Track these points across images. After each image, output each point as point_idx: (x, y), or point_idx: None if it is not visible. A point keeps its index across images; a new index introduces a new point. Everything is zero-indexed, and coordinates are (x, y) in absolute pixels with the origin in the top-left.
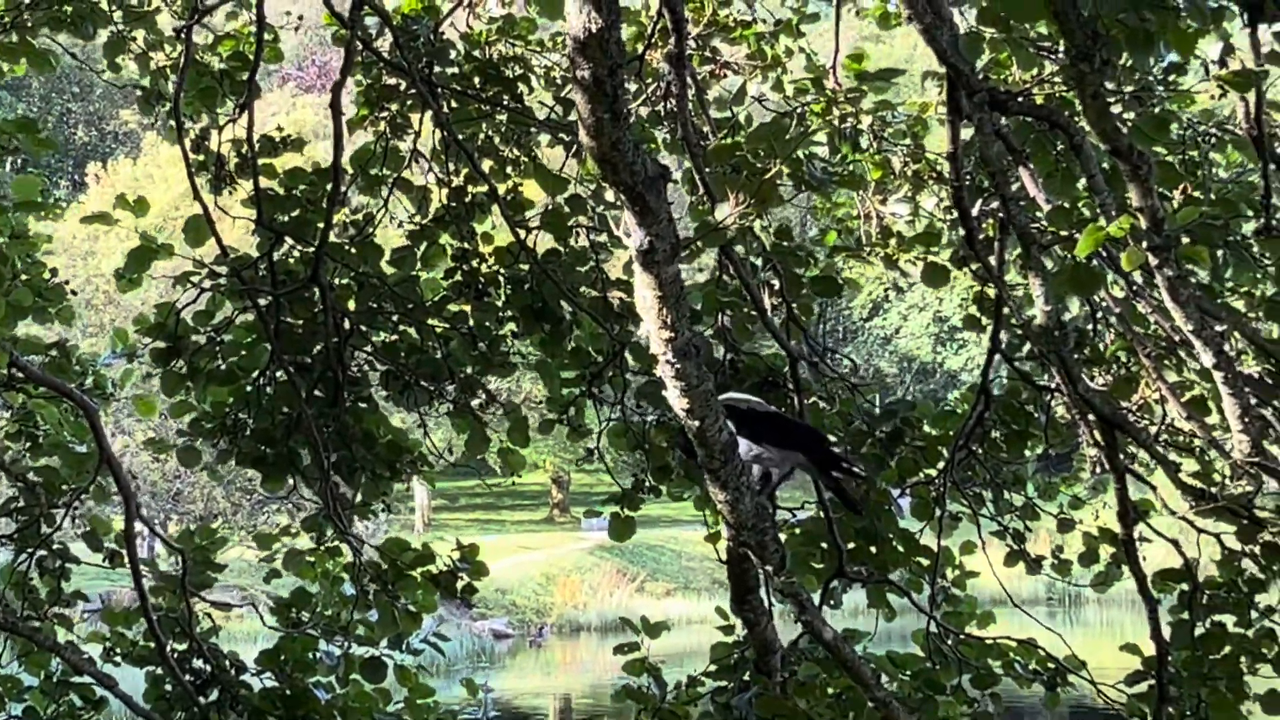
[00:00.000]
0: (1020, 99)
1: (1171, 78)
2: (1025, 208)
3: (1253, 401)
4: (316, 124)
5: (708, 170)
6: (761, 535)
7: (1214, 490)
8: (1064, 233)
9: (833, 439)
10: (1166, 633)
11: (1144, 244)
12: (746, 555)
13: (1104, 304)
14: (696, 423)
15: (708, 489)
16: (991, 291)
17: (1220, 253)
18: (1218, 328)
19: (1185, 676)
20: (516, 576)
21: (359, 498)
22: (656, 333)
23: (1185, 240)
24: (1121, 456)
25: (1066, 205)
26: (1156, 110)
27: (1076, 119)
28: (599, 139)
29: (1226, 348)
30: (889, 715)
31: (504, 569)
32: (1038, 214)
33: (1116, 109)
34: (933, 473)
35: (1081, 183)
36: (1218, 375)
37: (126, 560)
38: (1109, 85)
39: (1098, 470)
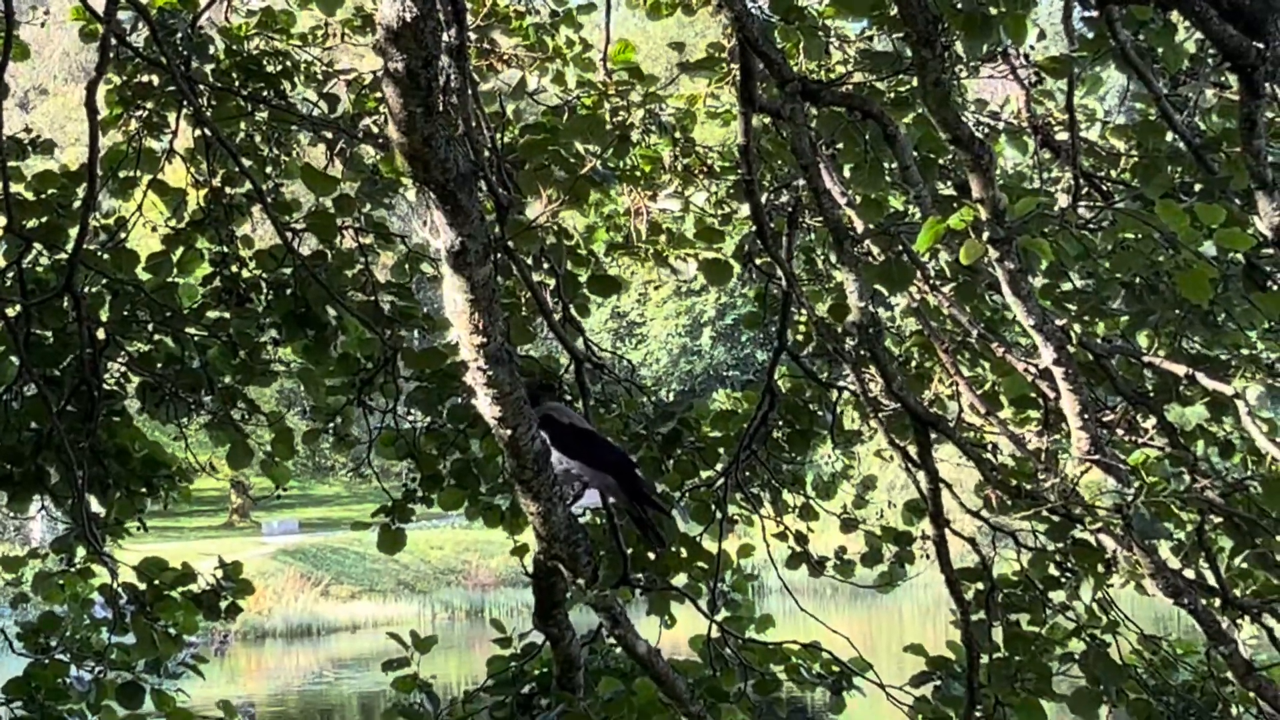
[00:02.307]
0: (832, 89)
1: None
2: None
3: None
4: None
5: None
6: (574, 548)
7: (1029, 487)
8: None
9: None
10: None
11: (985, 236)
12: (555, 569)
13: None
14: (508, 431)
15: (518, 500)
16: (776, 288)
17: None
18: (1058, 322)
19: (993, 679)
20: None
21: (113, 516)
22: (467, 338)
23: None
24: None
25: (875, 198)
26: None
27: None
28: (410, 134)
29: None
30: None
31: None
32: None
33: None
34: (709, 474)
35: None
36: (1058, 371)
37: None
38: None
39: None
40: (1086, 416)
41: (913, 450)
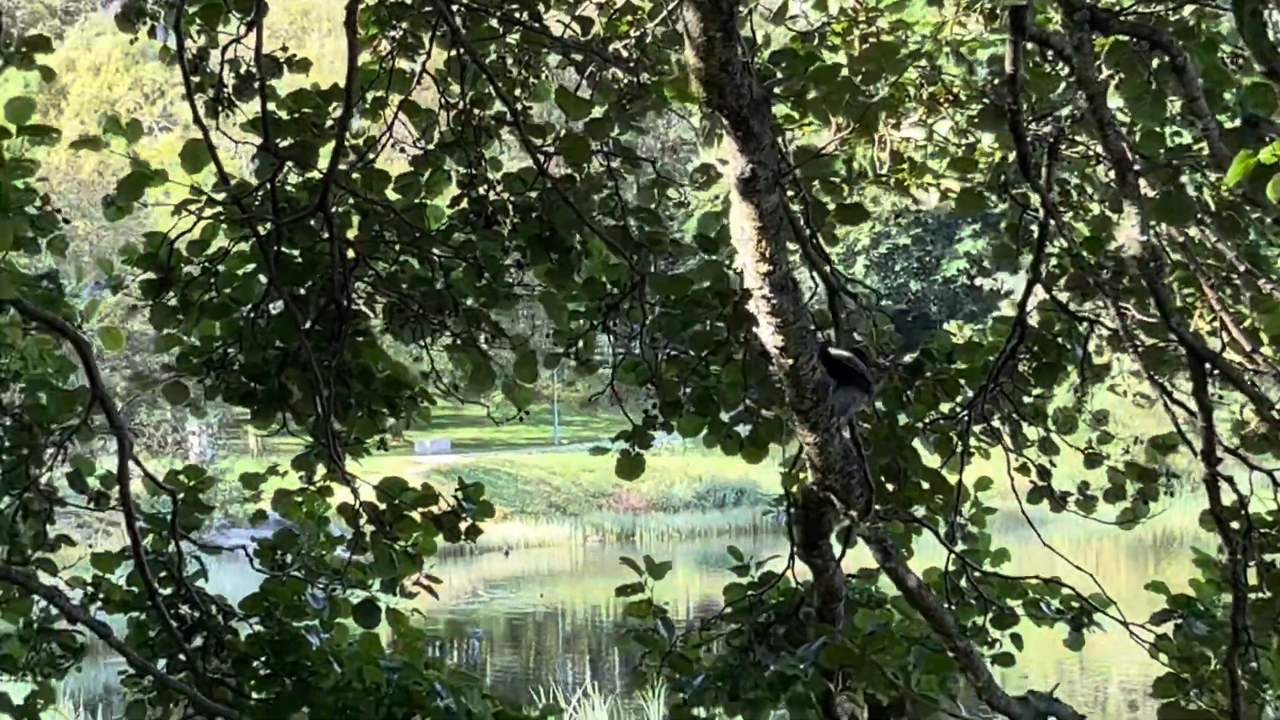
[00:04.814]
0: (1121, 18)
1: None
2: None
3: None
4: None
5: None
6: (848, 479)
7: None
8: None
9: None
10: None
11: None
12: (827, 499)
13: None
14: (790, 361)
15: (795, 431)
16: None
17: None
18: None
19: (1257, 620)
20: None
21: (353, 435)
22: (753, 265)
23: None
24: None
25: (1158, 130)
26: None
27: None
28: (708, 59)
29: None
30: (969, 665)
31: (338, 495)
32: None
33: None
34: (947, 408)
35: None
36: None
37: (116, 502)
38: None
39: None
40: None
41: (1169, 386)
